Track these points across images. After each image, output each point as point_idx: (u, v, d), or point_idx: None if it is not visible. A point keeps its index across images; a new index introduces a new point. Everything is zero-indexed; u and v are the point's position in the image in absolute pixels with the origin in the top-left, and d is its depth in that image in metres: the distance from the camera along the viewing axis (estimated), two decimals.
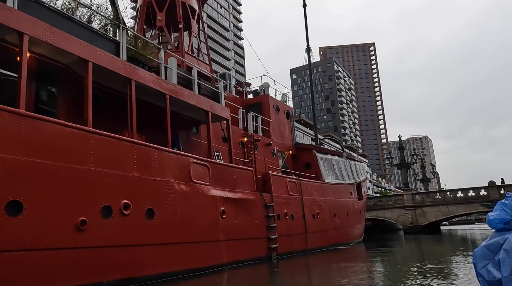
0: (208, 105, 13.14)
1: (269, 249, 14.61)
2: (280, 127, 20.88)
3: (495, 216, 1.62)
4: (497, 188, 39.47)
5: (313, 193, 19.50)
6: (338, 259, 17.45)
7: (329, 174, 22.69)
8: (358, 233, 26.12)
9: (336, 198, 22.15)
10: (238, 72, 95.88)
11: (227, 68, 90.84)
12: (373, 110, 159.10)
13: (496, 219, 1.60)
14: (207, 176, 12.21)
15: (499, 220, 1.58)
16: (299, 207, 17.65)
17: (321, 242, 19.18)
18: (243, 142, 17.18)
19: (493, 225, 1.62)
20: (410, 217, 42.05)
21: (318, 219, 19.31)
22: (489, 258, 1.51)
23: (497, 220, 1.60)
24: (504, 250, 1.45)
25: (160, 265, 9.83)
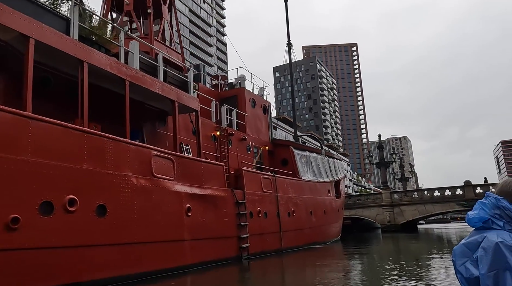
0: (175, 94, 12.17)
1: (239, 248, 13.79)
2: (256, 122, 20.06)
3: (474, 215, 1.62)
4: (473, 187, 39.94)
5: (289, 190, 18.80)
6: (313, 258, 16.81)
7: (307, 171, 22.06)
8: (336, 232, 25.65)
9: (313, 196, 21.54)
10: (220, 69, 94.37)
11: (209, 64, 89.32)
12: (354, 110, 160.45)
13: (475, 218, 1.60)
14: (171, 170, 11.26)
15: (478, 219, 1.59)
16: (273, 205, 16.90)
17: (296, 241, 18.50)
18: (216, 136, 16.27)
19: (472, 223, 1.62)
20: (388, 215, 42.11)
21: (294, 217, 18.63)
22: (468, 255, 1.52)
23: (476, 219, 1.60)
24: (482, 248, 1.46)
25: (113, 267, 8.84)
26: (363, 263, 15.09)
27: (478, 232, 1.57)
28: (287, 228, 17.61)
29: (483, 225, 1.56)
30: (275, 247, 16.51)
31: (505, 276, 1.37)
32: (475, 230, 1.60)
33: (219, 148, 16.15)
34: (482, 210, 1.58)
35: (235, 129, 17.72)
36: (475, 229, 1.61)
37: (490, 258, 1.41)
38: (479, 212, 1.59)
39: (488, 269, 1.40)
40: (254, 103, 20.14)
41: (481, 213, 1.58)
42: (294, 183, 19.56)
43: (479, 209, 1.60)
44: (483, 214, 1.57)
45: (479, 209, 1.60)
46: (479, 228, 1.58)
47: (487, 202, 1.59)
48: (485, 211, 1.57)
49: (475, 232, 1.59)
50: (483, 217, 1.56)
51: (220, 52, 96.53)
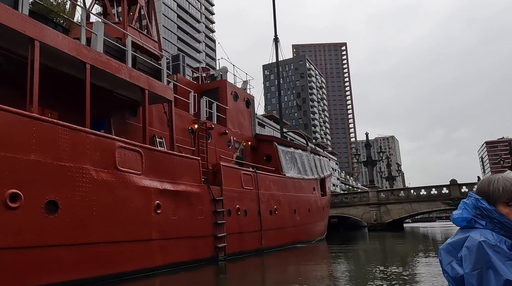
0: (145, 82, 11.21)
1: (215, 248, 12.92)
2: (238, 116, 19.20)
3: (458, 215, 1.62)
4: (459, 186, 39.85)
5: (272, 187, 18.00)
6: (296, 258, 16.05)
7: (291, 167, 21.30)
8: (321, 231, 24.98)
9: (297, 193, 20.79)
10: (208, 65, 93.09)
11: (197, 61, 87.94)
12: (343, 109, 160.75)
13: (459, 218, 1.61)
14: (139, 164, 10.32)
15: (462, 219, 1.60)
16: (254, 202, 16.07)
17: (278, 240, 17.72)
18: (193, 129, 15.35)
19: (457, 223, 1.63)
20: (374, 214, 41.76)
21: (276, 215, 17.84)
22: (453, 255, 1.52)
23: (460, 219, 1.61)
24: (466, 247, 1.47)
25: (66, 271, 7.89)
26: (348, 264, 14.42)
27: (462, 231, 1.58)
28: (268, 226, 16.81)
29: (467, 224, 1.57)
30: (255, 247, 15.69)
31: (488, 275, 1.37)
32: (460, 229, 1.61)
33: (197, 142, 15.24)
34: (465, 210, 1.59)
35: (215, 123, 16.83)
36: (460, 228, 1.62)
37: (473, 257, 1.42)
38: (462, 212, 1.60)
39: (472, 268, 1.41)
40: (236, 96, 19.27)
41: (464, 213, 1.59)
42: (277, 180, 18.77)
43: (462, 209, 1.61)
44: (466, 213, 1.58)
45: (463, 208, 1.61)
46: (464, 227, 1.59)
47: (469, 202, 1.60)
48: (468, 210, 1.58)
49: (460, 231, 1.60)
50: (466, 217, 1.58)
51: (208, 49, 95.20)
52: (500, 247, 1.42)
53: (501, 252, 1.40)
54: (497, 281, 1.35)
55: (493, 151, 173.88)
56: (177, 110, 14.92)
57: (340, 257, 16.96)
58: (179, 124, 14.63)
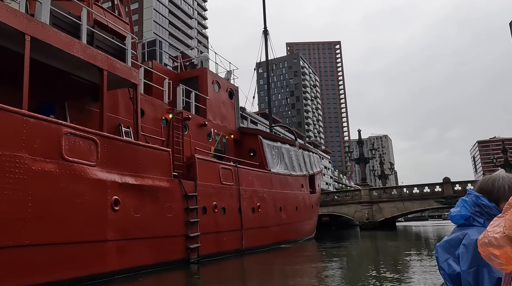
0: (104, 61, 9.82)
1: (187, 250, 11.58)
2: (220, 107, 17.85)
3: (456, 212, 1.59)
4: (451, 184, 38.90)
5: (255, 183, 16.70)
6: (279, 260, 14.79)
7: (277, 163, 20.02)
8: (309, 229, 23.74)
9: (283, 190, 19.52)
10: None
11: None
12: (337, 108, 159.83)
13: (457, 215, 1.58)
14: (93, 154, 8.95)
15: (460, 216, 1.57)
16: (234, 199, 14.76)
17: (261, 240, 16.43)
18: (168, 119, 13.99)
19: (455, 220, 1.59)
20: (366, 212, 40.66)
21: (259, 213, 16.54)
22: (450, 252, 1.51)
23: (458, 216, 1.58)
24: (463, 245, 1.46)
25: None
26: (336, 266, 13.18)
27: (460, 229, 1.58)
28: (250, 225, 15.52)
29: (464, 222, 1.57)
30: (235, 247, 14.38)
31: (484, 273, 1.37)
32: (458, 227, 1.60)
33: (171, 133, 13.89)
34: (464, 208, 1.58)
35: (193, 114, 15.48)
36: (457, 226, 1.61)
37: (470, 255, 1.42)
38: (460, 210, 1.59)
39: (468, 265, 1.42)
40: (218, 86, 17.91)
41: (462, 211, 1.58)
42: (261, 176, 17.47)
43: (461, 206, 1.60)
44: (465, 211, 1.57)
45: (461, 206, 1.60)
46: (461, 225, 1.58)
47: (468, 200, 1.58)
48: (466, 208, 1.57)
49: (457, 228, 1.59)
50: (465, 214, 1.57)
51: (201, 45, 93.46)
52: None
53: None
54: (490, 279, 1.35)
55: (485, 150, 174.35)
56: (150, 99, 13.57)
57: (327, 258, 15.73)
58: (151, 113, 13.27)
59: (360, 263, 14.15)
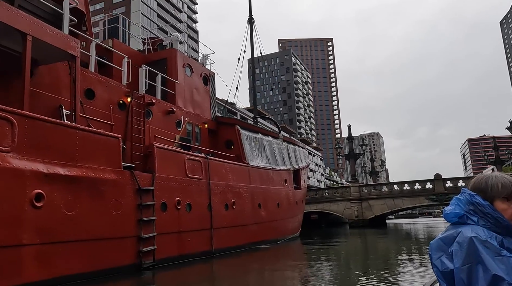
0: (28, 24, 7.95)
1: (139, 253, 9.80)
2: (192, 93, 16.03)
3: (450, 211, 1.61)
4: (443, 181, 37.60)
5: (229, 177, 14.96)
6: (254, 262, 13.10)
7: (257, 156, 18.30)
8: (293, 228, 22.09)
9: (263, 185, 17.81)
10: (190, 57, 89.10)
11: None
12: (328, 105, 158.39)
13: (452, 214, 1.59)
14: (7, 137, 7.11)
15: (454, 214, 1.58)
16: (203, 194, 13.00)
17: (236, 240, 14.71)
18: (125, 103, 12.15)
19: (449, 218, 1.62)
20: (356, 210, 39.18)
21: (234, 210, 14.81)
22: (444, 250, 1.52)
23: (452, 214, 1.59)
24: (457, 242, 1.48)
25: None
26: (319, 268, 11.54)
27: (454, 227, 1.57)
28: (222, 223, 13.78)
29: (458, 220, 1.57)
30: (203, 249, 12.63)
31: (478, 270, 1.37)
32: (451, 225, 1.61)
33: (130, 119, 12.06)
34: (458, 206, 1.59)
35: (158, 99, 13.66)
36: (451, 224, 1.61)
37: (464, 252, 1.42)
38: (455, 208, 1.59)
39: (462, 263, 1.42)
40: (190, 70, 16.08)
41: (456, 209, 1.58)
42: (237, 169, 15.73)
43: (455, 205, 1.60)
44: (459, 209, 1.58)
45: (455, 204, 1.60)
46: (455, 223, 1.58)
47: (462, 198, 1.59)
48: (460, 206, 1.58)
49: (451, 227, 1.60)
50: (459, 213, 1.57)
51: (191, 40, 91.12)
52: (490, 243, 1.43)
53: (491, 247, 1.41)
54: (485, 276, 1.35)
55: (475, 148, 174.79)
56: (103, 78, 11.71)
57: (310, 259, 14.09)
58: (104, 95, 11.43)
59: (346, 264, 12.53)
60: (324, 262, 13.29)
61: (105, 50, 13.24)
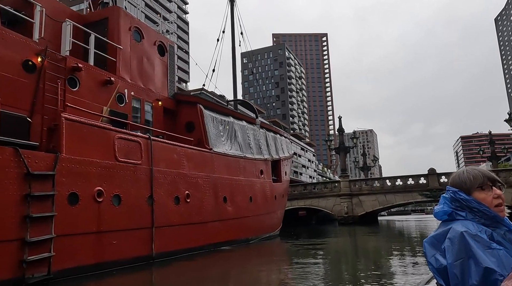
0: None
1: (22, 263, 6.92)
2: (142, 64, 13.09)
3: (439, 209, 1.64)
4: (437, 176, 35.03)
5: (184, 164, 12.09)
6: (206, 271, 10.31)
7: (226, 141, 15.45)
8: (271, 225, 19.30)
9: (232, 176, 14.99)
10: (180, 48, 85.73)
11: None
12: (322, 101, 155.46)
13: (441, 212, 1.62)
14: None
15: (443, 212, 1.61)
16: (141, 184, 10.13)
17: (190, 240, 11.86)
18: (35, 64, 9.22)
19: (439, 217, 1.64)
20: (345, 206, 36.49)
21: (188, 205, 11.96)
22: (437, 247, 1.53)
23: (441, 213, 1.62)
24: (448, 238, 1.49)
25: None
26: (293, 275, 8.76)
27: (444, 224, 1.58)
28: (170, 221, 10.93)
29: (448, 217, 1.57)
30: (137, 254, 9.76)
31: (470, 264, 1.37)
32: (442, 223, 1.61)
33: (41, 86, 9.14)
34: (446, 204, 1.60)
35: (90, 64, 10.74)
36: (442, 221, 1.61)
37: (456, 248, 1.43)
38: (443, 206, 1.61)
39: (454, 258, 1.41)
40: (140, 35, 13.13)
41: (445, 207, 1.60)
42: (195, 155, 12.86)
43: (443, 204, 1.62)
44: (447, 207, 1.59)
45: (443, 203, 1.62)
46: (445, 221, 1.59)
47: (447, 196, 1.61)
48: (448, 204, 1.59)
49: (443, 224, 1.60)
50: (447, 210, 1.58)
51: (181, 31, 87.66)
52: (480, 236, 1.43)
53: (481, 241, 1.41)
54: (477, 269, 1.35)
55: (468, 146, 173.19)
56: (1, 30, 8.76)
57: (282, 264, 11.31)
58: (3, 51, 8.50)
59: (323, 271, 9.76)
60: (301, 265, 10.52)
61: (23, 2, 10.29)
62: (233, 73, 26.04)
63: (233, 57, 26.22)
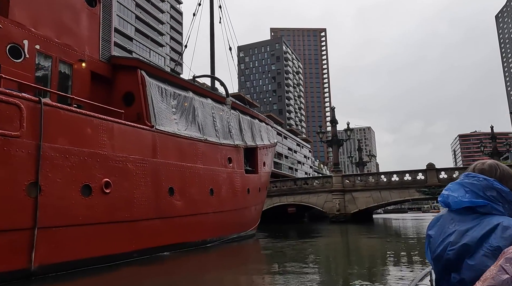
0: None
1: None
2: (59, 12, 9.79)
3: (459, 197, 1.34)
4: (436, 171, 31.88)
5: (101, 142, 8.82)
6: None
7: (178, 120, 12.17)
8: (241, 224, 16.03)
9: (183, 162, 11.73)
10: (173, 39, 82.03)
11: (159, 33, 77.12)
12: (320, 97, 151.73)
13: (466, 201, 1.32)
14: None
15: (470, 202, 1.31)
16: (18, 166, 6.89)
17: (107, 246, 8.61)
18: None
19: (458, 205, 1.34)
20: (337, 203, 33.26)
21: (108, 197, 8.70)
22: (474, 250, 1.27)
23: (467, 202, 1.31)
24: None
25: None
26: None
27: (466, 216, 1.28)
28: (69, 219, 7.68)
29: (480, 210, 1.27)
30: (3, 269, 6.53)
31: None
32: (456, 214, 1.31)
33: None
34: (472, 192, 1.29)
35: None
36: (452, 211, 1.33)
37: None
38: (465, 194, 1.29)
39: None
40: None
41: (472, 196, 1.28)
42: (123, 132, 9.57)
43: (465, 191, 1.30)
44: (474, 196, 1.28)
45: (465, 190, 1.30)
46: (460, 212, 1.30)
47: (477, 183, 1.31)
48: (476, 193, 1.29)
49: (460, 216, 1.29)
50: (479, 201, 1.27)
51: (174, 21, 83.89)
52: None
53: None
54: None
55: (466, 144, 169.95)
56: None
57: (229, 275, 8.09)
58: None
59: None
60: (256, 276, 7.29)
61: None
62: (211, 49, 22.76)
63: (211, 29, 22.94)
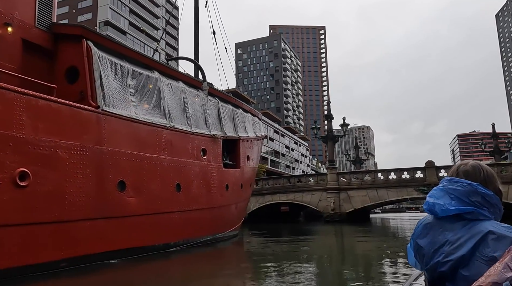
0: None
1: None
2: None
3: (447, 205, 1.31)
4: (436, 169, 30.09)
5: (17, 122, 6.91)
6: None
7: (136, 103, 10.27)
8: (218, 224, 14.12)
9: (142, 152, 9.83)
10: (168, 34, 79.99)
11: (154, 27, 75.06)
12: (319, 95, 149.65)
13: (452, 209, 1.31)
14: None
15: (457, 210, 1.30)
16: None
17: (21, 253, 6.73)
18: None
19: (445, 213, 1.33)
20: (332, 202, 31.42)
21: (23, 191, 6.81)
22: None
23: (456, 210, 1.30)
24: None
25: None
26: None
27: (454, 224, 1.25)
28: None
29: (467, 217, 1.25)
30: None
31: None
32: (444, 221, 1.28)
33: None
34: (458, 199, 1.26)
35: None
36: (439, 218, 1.29)
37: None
38: (451, 201, 1.27)
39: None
40: None
41: (457, 203, 1.25)
42: (53, 111, 7.67)
43: (450, 197, 1.27)
44: (459, 202, 1.25)
45: (452, 197, 1.26)
46: (447, 219, 1.27)
47: (461, 189, 1.28)
48: (462, 199, 1.26)
49: (448, 224, 1.26)
50: (465, 208, 1.24)
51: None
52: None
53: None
54: None
55: (465, 144, 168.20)
56: None
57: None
58: None
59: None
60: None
61: None
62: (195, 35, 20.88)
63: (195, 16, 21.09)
